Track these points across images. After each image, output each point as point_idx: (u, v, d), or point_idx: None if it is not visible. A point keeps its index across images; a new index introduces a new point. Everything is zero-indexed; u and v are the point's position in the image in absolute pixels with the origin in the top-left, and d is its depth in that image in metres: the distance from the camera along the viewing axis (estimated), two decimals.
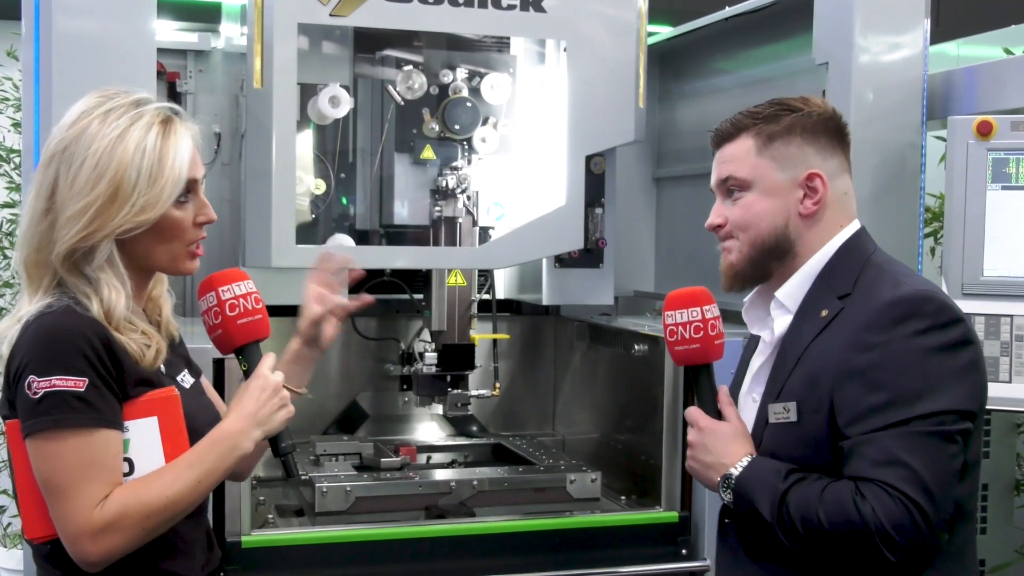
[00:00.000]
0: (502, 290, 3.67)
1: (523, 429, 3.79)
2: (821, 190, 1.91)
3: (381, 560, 2.79)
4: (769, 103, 1.97)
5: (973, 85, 3.07)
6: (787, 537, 1.78)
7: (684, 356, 1.96)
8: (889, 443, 1.71)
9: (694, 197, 3.80)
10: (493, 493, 3.05)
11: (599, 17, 3.05)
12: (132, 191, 1.75)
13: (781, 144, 1.91)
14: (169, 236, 1.84)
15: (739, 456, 1.88)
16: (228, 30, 3.37)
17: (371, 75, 3.14)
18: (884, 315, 1.76)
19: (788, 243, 1.92)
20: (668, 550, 2.98)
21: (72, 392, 1.70)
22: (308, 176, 3.07)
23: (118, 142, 1.76)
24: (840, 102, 2.90)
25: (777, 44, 3.43)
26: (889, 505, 1.68)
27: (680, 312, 1.95)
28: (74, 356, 1.71)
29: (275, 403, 1.88)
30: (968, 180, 2.85)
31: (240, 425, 1.84)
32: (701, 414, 1.95)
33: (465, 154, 3.16)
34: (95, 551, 1.72)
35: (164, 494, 1.75)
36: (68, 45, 2.61)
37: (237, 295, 1.89)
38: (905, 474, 1.69)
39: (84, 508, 1.70)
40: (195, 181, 1.86)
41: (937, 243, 3.71)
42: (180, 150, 1.81)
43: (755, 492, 1.82)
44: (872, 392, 1.74)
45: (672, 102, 3.95)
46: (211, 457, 1.80)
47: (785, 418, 1.84)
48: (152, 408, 1.80)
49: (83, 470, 1.71)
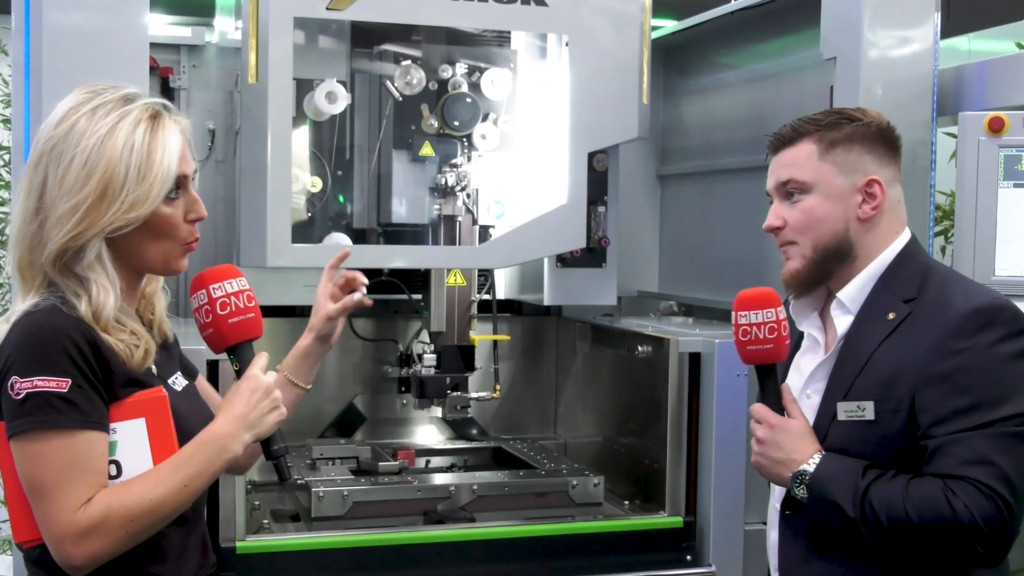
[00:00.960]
0: (503, 290, 3.66)
1: (524, 432, 3.78)
2: (880, 196, 2.01)
3: (379, 567, 2.77)
4: (828, 112, 2.09)
5: (984, 80, 3.07)
6: (870, 532, 1.87)
7: (756, 356, 2.03)
8: (977, 443, 1.82)
9: (699, 195, 3.78)
10: (493, 498, 3.04)
11: (602, 11, 3.04)
12: (121, 188, 1.73)
13: (842, 150, 2.02)
14: (160, 234, 1.82)
15: (809, 453, 1.96)
16: (222, 24, 3.35)
17: (368, 70, 3.12)
18: (966, 323, 1.88)
19: (849, 246, 2.02)
20: (673, 556, 2.97)
21: (55, 393, 1.68)
22: (304, 174, 3.05)
23: (107, 139, 1.74)
24: (848, 98, 2.88)
25: (784, 39, 3.42)
26: (980, 501, 1.80)
27: (755, 313, 2.01)
28: (58, 356, 1.69)
29: (266, 405, 1.84)
30: (979, 177, 2.85)
31: (229, 428, 1.80)
32: (769, 411, 2.02)
33: (465, 151, 3.15)
34: (78, 554, 1.69)
35: (148, 497, 1.72)
36: (59, 40, 2.60)
37: (228, 293, 1.85)
38: (994, 472, 1.81)
39: (67, 510, 1.69)
40: (185, 177, 1.83)
41: (948, 242, 3.68)
42: (169, 145, 1.79)
43: (834, 488, 1.90)
44: (958, 395, 1.85)
45: (676, 98, 3.93)
46: (198, 460, 1.77)
47: (859, 416, 1.94)
48: (140, 409, 1.78)
49: (66, 472, 1.69)
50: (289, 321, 3.41)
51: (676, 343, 2.98)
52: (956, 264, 2.88)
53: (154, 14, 2.76)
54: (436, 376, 3.26)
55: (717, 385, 2.91)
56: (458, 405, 3.27)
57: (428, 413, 3.55)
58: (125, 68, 2.59)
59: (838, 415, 1.96)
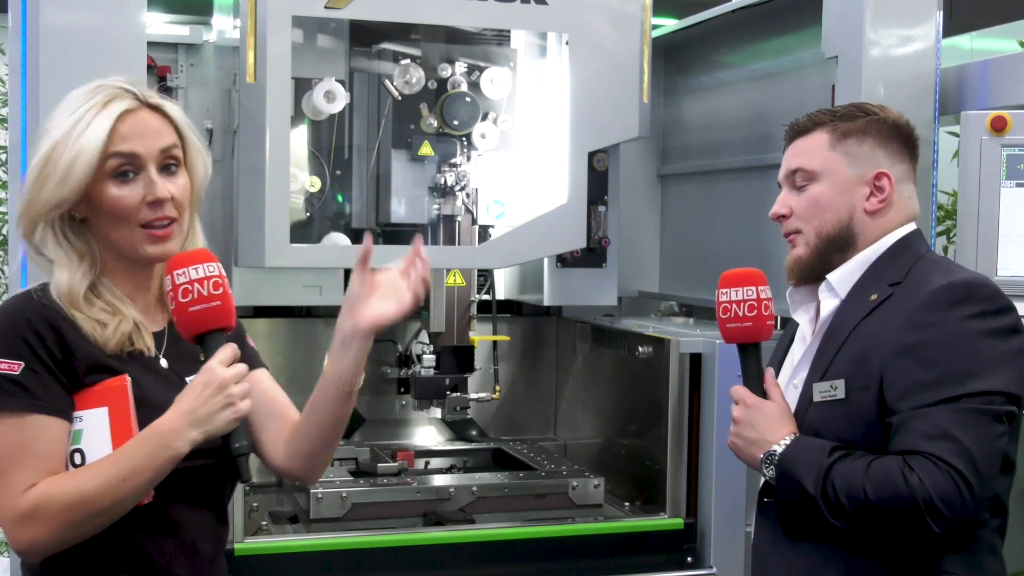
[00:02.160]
0: (502, 290, 3.64)
1: (524, 433, 3.77)
2: (887, 189, 2.00)
3: (378, 568, 2.77)
4: (847, 105, 2.08)
5: (987, 79, 3.06)
6: (831, 512, 1.83)
7: (735, 334, 2.02)
8: (939, 418, 1.78)
9: (700, 194, 3.77)
10: (493, 499, 3.03)
11: (602, 9, 3.02)
12: (56, 164, 1.74)
13: (855, 142, 2.01)
14: (116, 216, 1.77)
15: (783, 434, 1.93)
16: (220, 23, 3.33)
17: (367, 69, 3.11)
18: (939, 297, 1.84)
19: (852, 236, 2.01)
20: (673, 558, 2.97)
21: (5, 375, 1.69)
22: (303, 173, 3.04)
23: (62, 119, 1.76)
24: (850, 97, 2.87)
25: (785, 37, 3.41)
26: (937, 476, 1.75)
27: (735, 290, 2.01)
28: (12, 340, 1.70)
29: (218, 401, 1.70)
30: (982, 177, 2.85)
31: (174, 424, 1.70)
32: (747, 392, 2.00)
33: (464, 150, 3.14)
34: (21, 538, 1.69)
35: (85, 487, 1.69)
36: (57, 39, 2.58)
37: (193, 279, 1.73)
38: (954, 448, 1.75)
39: (10, 494, 1.68)
40: (135, 156, 1.77)
41: (950, 242, 3.67)
42: (102, 122, 1.74)
43: (799, 468, 1.87)
44: (924, 368, 1.81)
45: (677, 97, 3.91)
46: (138, 455, 1.70)
47: (832, 396, 1.91)
48: (103, 398, 1.75)
49: (13, 456, 1.69)
50: (287, 321, 3.40)
51: (677, 344, 2.97)
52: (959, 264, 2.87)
53: (152, 13, 2.74)
54: (435, 377, 3.25)
55: (718, 386, 2.90)
56: (457, 406, 3.26)
57: (427, 414, 3.55)
58: (123, 67, 2.52)
59: (813, 396, 1.94)
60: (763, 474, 1.95)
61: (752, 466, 1.99)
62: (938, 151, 2.97)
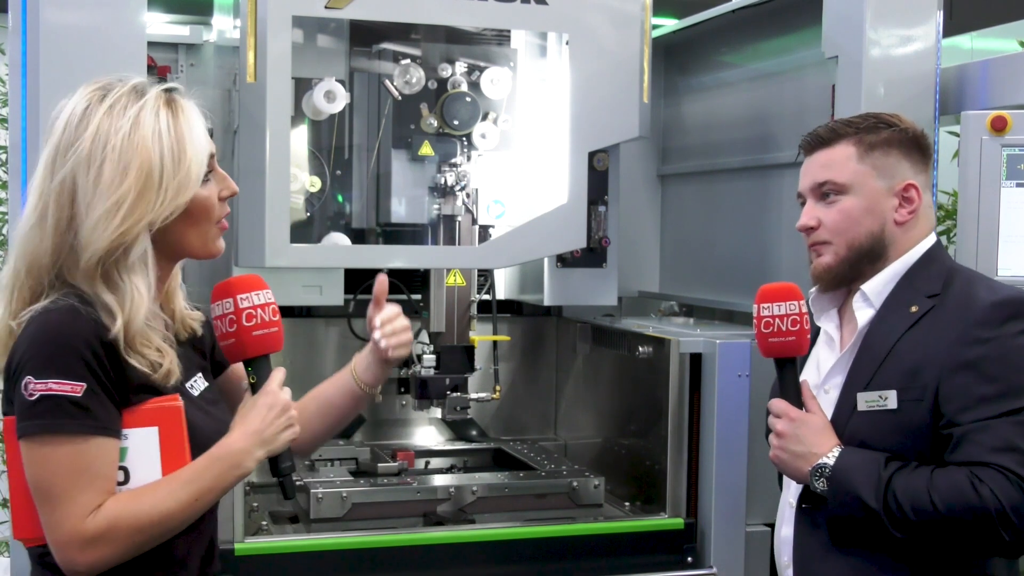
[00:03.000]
0: (502, 290, 3.63)
1: (524, 433, 3.76)
2: (916, 200, 2.06)
3: (378, 568, 2.76)
4: (865, 116, 2.12)
5: (987, 79, 3.05)
6: (893, 524, 1.86)
7: (777, 348, 2.04)
8: (1003, 430, 1.83)
9: (700, 194, 3.77)
10: (493, 499, 3.02)
11: (602, 9, 3.02)
12: (161, 177, 1.74)
13: (881, 154, 2.05)
14: (200, 217, 1.82)
15: (829, 446, 1.97)
16: (220, 23, 3.33)
17: (367, 69, 3.10)
18: (992, 314, 1.90)
19: (882, 247, 2.05)
20: (674, 558, 2.96)
21: (69, 397, 1.66)
22: (303, 173, 3.03)
23: (133, 132, 1.73)
24: (850, 97, 2.87)
25: (785, 37, 3.41)
26: (1008, 488, 1.79)
27: (778, 305, 2.03)
28: (73, 360, 1.67)
29: (282, 422, 1.83)
30: (982, 177, 2.84)
31: (243, 444, 1.79)
32: (788, 405, 2.03)
33: (464, 150, 3.13)
34: (83, 561, 1.68)
35: (158, 509, 1.71)
36: (57, 38, 2.58)
37: (256, 304, 1.84)
38: (1021, 459, 1.81)
39: (74, 516, 1.67)
40: (212, 156, 1.85)
41: (950, 242, 3.66)
42: (194, 126, 1.80)
43: (855, 481, 1.90)
44: (984, 383, 1.86)
45: (677, 97, 3.91)
46: (210, 475, 1.76)
47: (881, 406, 1.94)
48: (153, 417, 1.76)
49: (75, 477, 1.67)
50: (288, 321, 3.33)
51: (677, 344, 2.97)
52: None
53: (152, 13, 2.73)
54: (436, 377, 3.23)
55: (718, 386, 2.90)
56: (458, 406, 3.25)
57: (428, 414, 3.54)
58: (123, 67, 2.52)
59: (858, 405, 1.97)
60: (814, 487, 1.98)
61: (799, 479, 2.04)
62: (938, 151, 2.96)
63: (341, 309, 3.28)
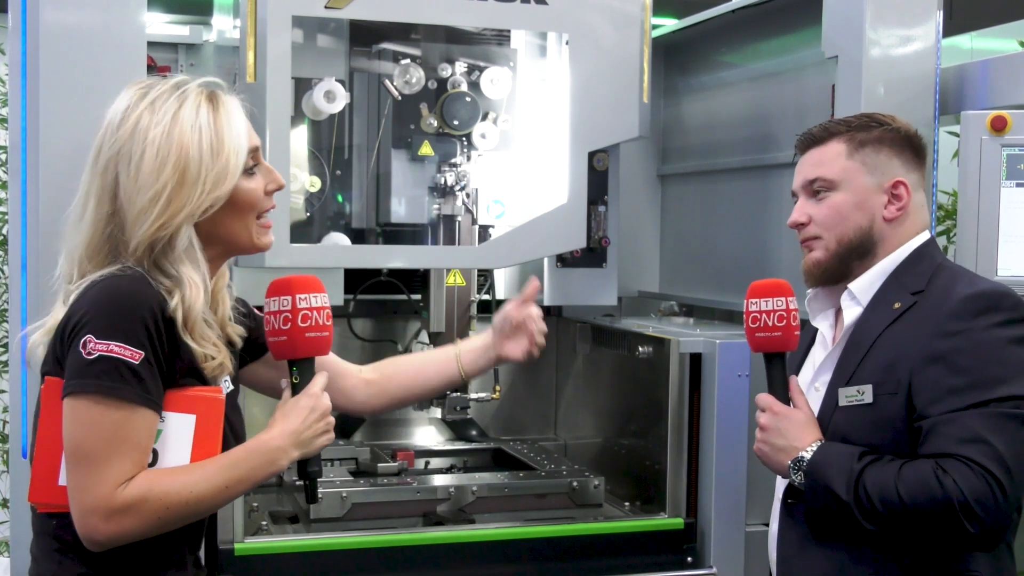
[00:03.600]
0: (502, 290, 3.63)
1: (524, 433, 3.76)
2: (905, 197, 2.07)
3: (378, 568, 2.76)
4: (859, 115, 2.14)
5: (987, 79, 3.06)
6: (864, 516, 1.87)
7: (764, 343, 2.06)
8: (970, 422, 1.83)
9: (700, 194, 3.76)
10: (493, 499, 3.02)
11: (602, 9, 3.02)
12: (199, 169, 1.75)
13: (871, 151, 2.07)
14: (245, 209, 1.83)
15: (810, 440, 1.98)
16: (220, 23, 3.33)
17: (367, 69, 3.10)
18: (966, 306, 1.90)
19: (871, 243, 2.07)
20: (673, 558, 2.96)
21: (127, 362, 1.66)
22: (303, 173, 3.03)
23: (172, 126, 1.75)
24: (850, 97, 2.87)
25: (785, 37, 3.40)
26: (971, 479, 1.79)
27: (765, 300, 2.05)
28: (137, 326, 1.68)
29: (320, 427, 1.85)
30: (982, 177, 2.84)
31: (281, 441, 1.80)
32: (774, 400, 2.05)
33: (464, 150, 3.13)
34: (105, 530, 1.67)
35: (190, 490, 1.71)
36: (57, 38, 2.56)
37: (313, 307, 1.85)
38: (987, 450, 1.80)
39: (107, 483, 1.66)
40: (256, 149, 1.86)
41: (950, 242, 3.67)
42: (234, 120, 1.81)
43: (829, 473, 1.92)
44: (954, 375, 1.86)
45: (677, 97, 3.91)
46: (245, 466, 1.77)
47: (859, 400, 1.96)
48: (194, 405, 1.76)
49: (117, 445, 1.67)
50: None
51: (677, 344, 2.96)
52: (958, 264, 2.86)
53: (152, 12, 2.73)
54: None
55: (718, 386, 2.90)
56: (457, 406, 3.25)
57: (427, 414, 3.54)
58: (123, 67, 2.55)
59: (839, 401, 1.99)
60: (792, 480, 1.99)
61: (779, 472, 2.04)
62: (938, 151, 2.96)
63: (341, 309, 3.27)
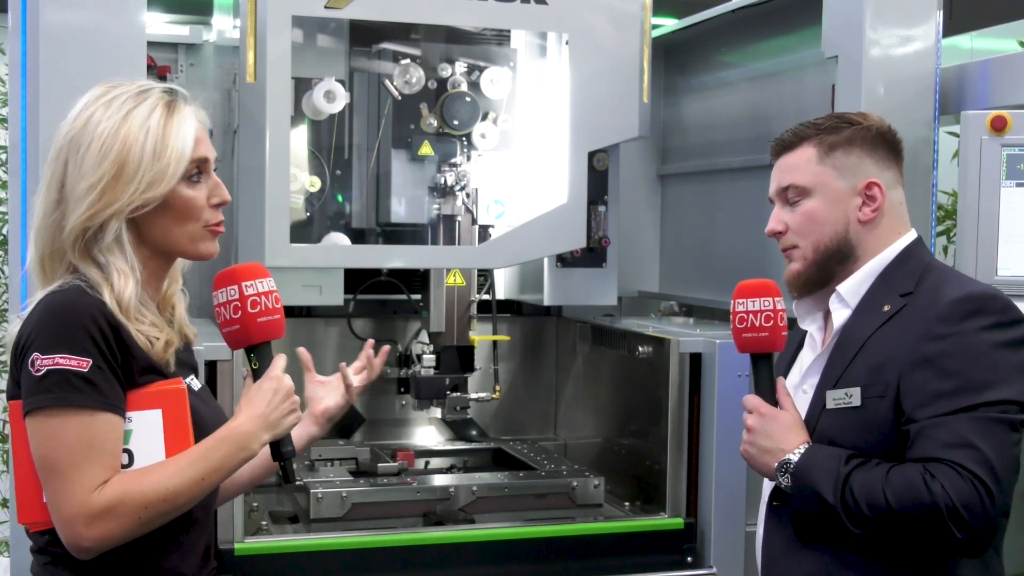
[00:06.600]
0: (502, 290, 3.63)
1: (524, 433, 3.76)
2: (879, 198, 2.03)
3: (378, 568, 2.76)
4: (829, 116, 2.10)
5: (987, 79, 3.06)
6: (851, 520, 1.85)
7: (750, 344, 2.04)
8: (958, 426, 1.80)
9: (700, 194, 3.76)
10: (493, 499, 3.02)
11: (602, 9, 3.02)
12: (137, 167, 1.76)
13: (842, 154, 2.03)
14: (184, 216, 1.83)
15: (797, 443, 1.96)
16: (220, 23, 3.33)
17: (367, 69, 3.10)
18: (954, 309, 1.87)
19: (850, 247, 2.03)
20: (673, 557, 2.95)
21: (75, 372, 1.68)
22: (303, 173, 3.04)
23: (122, 123, 1.78)
24: (850, 97, 2.87)
25: (785, 37, 3.40)
26: (959, 484, 1.77)
27: (752, 301, 2.03)
28: (80, 335, 1.70)
29: (286, 407, 1.86)
30: (982, 177, 2.84)
31: (250, 426, 1.82)
32: (761, 401, 2.03)
33: (464, 150, 3.13)
34: (89, 536, 1.69)
35: (165, 485, 1.73)
36: (57, 39, 2.58)
37: (260, 292, 1.86)
38: (975, 455, 1.78)
39: (81, 491, 1.68)
40: (205, 160, 1.86)
41: (950, 242, 3.67)
42: (184, 128, 1.82)
43: (815, 477, 1.89)
44: (942, 378, 1.83)
45: (677, 97, 3.91)
46: (217, 455, 1.78)
47: (847, 403, 1.93)
48: (157, 400, 1.78)
49: (83, 452, 1.69)
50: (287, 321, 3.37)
51: (677, 343, 2.96)
52: (959, 264, 2.87)
53: (152, 13, 2.74)
54: (435, 377, 3.24)
55: (718, 386, 2.89)
56: (457, 406, 3.25)
57: (427, 414, 3.53)
58: (123, 67, 2.56)
59: (827, 403, 1.96)
60: (779, 483, 1.97)
61: (765, 475, 2.02)
62: (938, 151, 2.96)
63: (341, 309, 3.28)
